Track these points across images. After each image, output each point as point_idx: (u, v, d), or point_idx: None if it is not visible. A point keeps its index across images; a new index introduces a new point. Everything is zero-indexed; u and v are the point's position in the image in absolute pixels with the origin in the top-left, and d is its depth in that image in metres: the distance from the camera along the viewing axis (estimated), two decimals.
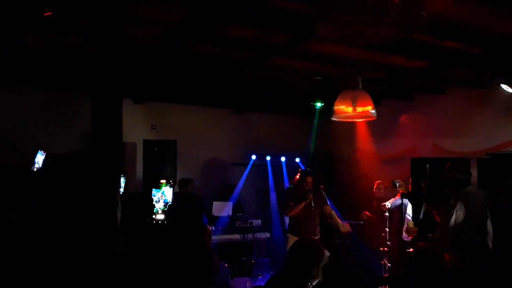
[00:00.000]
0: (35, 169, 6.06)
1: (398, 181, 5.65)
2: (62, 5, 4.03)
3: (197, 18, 4.39)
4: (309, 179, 5.93)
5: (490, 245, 4.21)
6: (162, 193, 3.88)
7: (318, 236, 5.86)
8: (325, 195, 6.15)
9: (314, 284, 2.86)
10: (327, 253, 2.94)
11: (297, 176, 6.08)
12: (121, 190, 4.40)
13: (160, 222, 3.53)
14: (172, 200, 3.83)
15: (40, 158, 6.21)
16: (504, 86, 6.33)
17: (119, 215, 2.64)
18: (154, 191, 3.82)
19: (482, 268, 3.89)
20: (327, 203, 6.10)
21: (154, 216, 3.53)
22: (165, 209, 3.66)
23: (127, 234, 2.91)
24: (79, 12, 4.18)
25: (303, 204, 5.82)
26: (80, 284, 2.26)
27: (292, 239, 5.70)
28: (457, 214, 4.20)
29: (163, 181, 3.83)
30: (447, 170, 4.46)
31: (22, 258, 2.24)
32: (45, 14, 3.57)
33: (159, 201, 3.89)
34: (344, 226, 5.93)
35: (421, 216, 5.05)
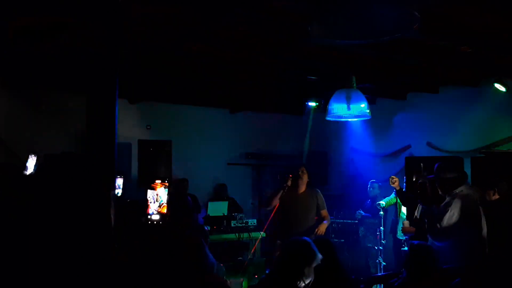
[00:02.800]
0: (27, 173, 6.01)
1: (393, 178, 5.70)
2: (57, 5, 4.02)
3: (192, 18, 4.39)
4: (303, 168, 5.57)
5: (486, 244, 4.23)
6: (158, 193, 3.88)
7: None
8: (323, 198, 5.71)
9: (306, 283, 2.90)
10: (319, 256, 2.99)
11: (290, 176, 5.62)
12: (120, 191, 4.39)
13: (155, 222, 3.52)
14: (167, 200, 3.84)
15: (31, 163, 6.16)
16: (496, 85, 6.38)
17: (113, 216, 2.64)
18: (149, 191, 3.82)
19: (477, 266, 3.91)
20: (324, 208, 5.66)
21: (149, 217, 3.53)
22: (160, 209, 3.67)
23: (122, 234, 2.91)
24: (73, 12, 4.17)
25: (279, 192, 5.40)
26: (75, 285, 2.26)
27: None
28: (451, 213, 4.22)
29: (158, 181, 3.82)
30: (436, 171, 4.47)
31: (19, 259, 2.23)
32: None
33: (154, 201, 3.89)
34: (320, 228, 5.45)
35: (417, 215, 5.06)
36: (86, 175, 2.85)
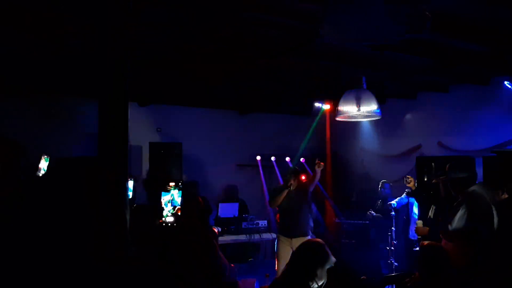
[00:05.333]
0: (40, 175, 6.07)
1: (408, 177, 5.68)
2: (66, 8, 4.07)
3: (200, 21, 4.42)
4: (293, 175, 5.98)
5: (498, 244, 4.19)
6: (171, 195, 3.91)
7: (309, 235, 5.87)
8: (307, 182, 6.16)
9: (319, 284, 2.91)
10: (332, 258, 3.01)
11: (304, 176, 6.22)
12: (131, 193, 4.44)
13: (169, 224, 3.56)
14: (180, 202, 3.88)
15: (44, 164, 6.22)
16: (507, 83, 6.33)
17: (128, 218, 2.67)
18: (162, 194, 3.85)
19: (488, 266, 3.89)
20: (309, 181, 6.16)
21: (163, 219, 3.57)
22: (174, 211, 3.70)
23: (137, 237, 2.94)
24: (83, 15, 4.21)
25: (285, 192, 5.84)
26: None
27: (283, 240, 5.91)
28: (462, 212, 4.20)
29: (172, 184, 3.85)
30: (447, 171, 4.45)
31: (30, 263, 2.26)
32: None
33: (167, 204, 3.92)
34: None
35: (431, 215, 5.04)
36: (98, 178, 2.87)
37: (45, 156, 6.28)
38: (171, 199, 3.87)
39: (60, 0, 3.92)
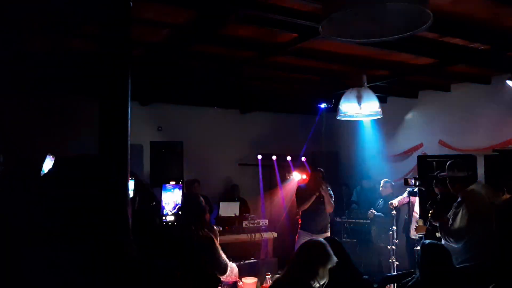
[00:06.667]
0: (42, 174, 6.05)
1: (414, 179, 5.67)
2: (67, 7, 4.06)
3: (201, 19, 4.41)
4: (319, 175, 6.49)
5: (498, 244, 4.18)
6: (171, 194, 3.91)
7: (328, 232, 6.45)
8: (331, 192, 6.61)
9: (320, 283, 2.92)
10: (334, 258, 3.01)
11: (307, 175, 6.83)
12: (131, 192, 4.43)
13: (170, 223, 3.56)
14: (181, 201, 3.86)
15: (48, 164, 6.20)
16: (509, 82, 6.31)
17: (129, 216, 2.66)
18: (163, 193, 3.84)
19: (488, 265, 3.88)
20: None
21: (164, 218, 3.56)
22: (175, 210, 3.69)
23: (137, 235, 2.94)
24: (84, 15, 4.21)
25: (314, 197, 6.32)
26: (89, 285, 2.28)
27: (304, 236, 6.26)
28: (463, 212, 4.19)
29: (172, 182, 3.85)
30: (447, 169, 4.44)
31: (32, 260, 2.26)
32: None
33: (168, 202, 3.91)
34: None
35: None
36: (100, 177, 2.87)
37: (50, 156, 6.25)
38: (171, 198, 3.87)
39: (60, 0, 3.91)
